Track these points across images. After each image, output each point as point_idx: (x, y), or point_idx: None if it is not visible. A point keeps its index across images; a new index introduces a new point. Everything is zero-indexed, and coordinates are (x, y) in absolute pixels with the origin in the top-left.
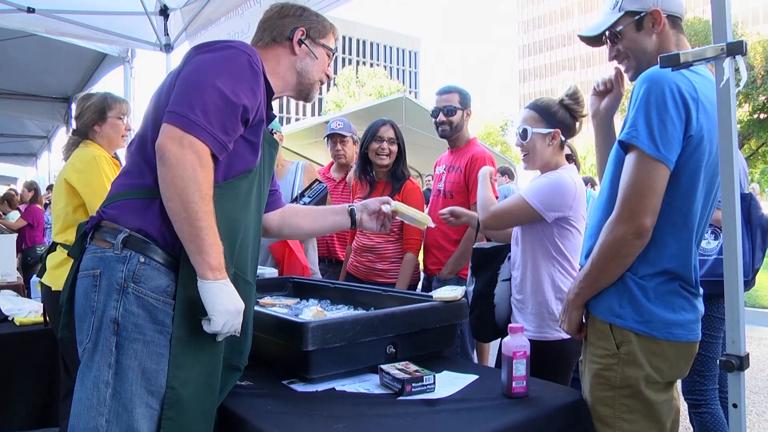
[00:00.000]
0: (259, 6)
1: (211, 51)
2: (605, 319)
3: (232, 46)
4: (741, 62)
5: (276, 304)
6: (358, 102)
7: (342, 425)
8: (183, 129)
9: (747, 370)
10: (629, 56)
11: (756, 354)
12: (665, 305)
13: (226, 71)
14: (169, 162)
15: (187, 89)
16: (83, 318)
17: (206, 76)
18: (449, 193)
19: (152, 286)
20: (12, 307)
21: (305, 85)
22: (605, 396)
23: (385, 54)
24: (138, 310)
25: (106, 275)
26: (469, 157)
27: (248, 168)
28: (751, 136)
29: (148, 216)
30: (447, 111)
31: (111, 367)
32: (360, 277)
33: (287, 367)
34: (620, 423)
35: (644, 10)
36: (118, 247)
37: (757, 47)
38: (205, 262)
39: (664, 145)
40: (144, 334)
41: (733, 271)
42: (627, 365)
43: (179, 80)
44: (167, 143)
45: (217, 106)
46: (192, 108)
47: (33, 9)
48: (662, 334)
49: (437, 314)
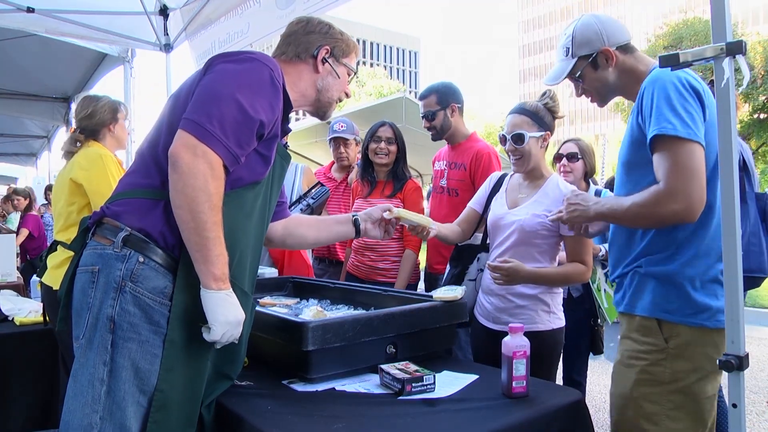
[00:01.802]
0: (259, 6)
1: (235, 62)
2: (652, 315)
3: (255, 59)
4: (742, 62)
5: (276, 304)
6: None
7: (342, 425)
8: (198, 138)
9: (747, 370)
10: (593, 92)
11: (756, 354)
12: (710, 294)
13: (247, 84)
14: (181, 170)
15: (207, 99)
16: (80, 313)
17: (227, 88)
18: (454, 191)
19: (150, 286)
20: (12, 306)
21: (323, 102)
22: (651, 392)
23: (385, 54)
24: (134, 310)
25: (105, 272)
26: (474, 154)
27: (256, 180)
28: (751, 136)
29: (151, 216)
30: (427, 116)
31: (106, 364)
32: (361, 277)
33: (287, 367)
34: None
35: (594, 52)
36: (118, 245)
37: (757, 47)
38: (209, 272)
39: (695, 127)
40: (139, 333)
41: (733, 270)
42: (675, 360)
43: (199, 88)
44: (181, 151)
45: (234, 119)
46: (209, 118)
47: (33, 9)
48: (711, 322)
49: (437, 314)
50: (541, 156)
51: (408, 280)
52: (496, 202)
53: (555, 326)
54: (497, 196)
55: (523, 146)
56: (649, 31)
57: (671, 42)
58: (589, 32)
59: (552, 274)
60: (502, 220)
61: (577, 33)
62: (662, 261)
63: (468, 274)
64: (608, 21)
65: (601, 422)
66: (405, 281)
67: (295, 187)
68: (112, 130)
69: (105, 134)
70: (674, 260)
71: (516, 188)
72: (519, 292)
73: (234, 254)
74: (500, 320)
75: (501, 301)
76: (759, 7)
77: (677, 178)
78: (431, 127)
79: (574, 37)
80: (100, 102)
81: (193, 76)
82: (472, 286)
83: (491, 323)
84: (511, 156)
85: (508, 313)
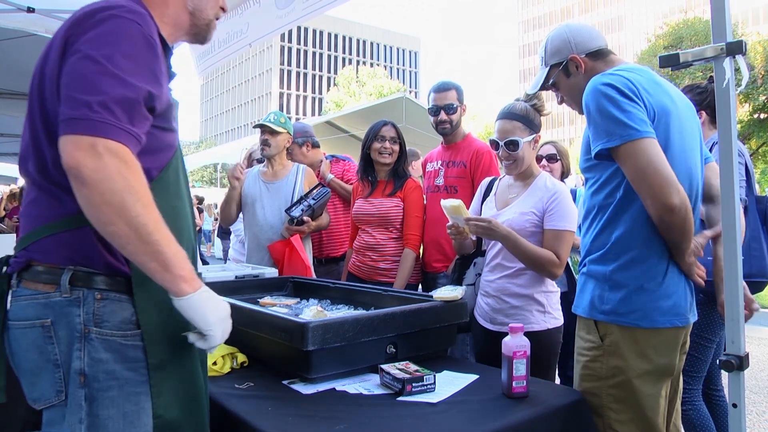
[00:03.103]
0: (258, 6)
1: (93, 26)
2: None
3: (115, 15)
4: (741, 62)
5: (276, 304)
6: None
7: (343, 426)
8: (90, 133)
9: (747, 370)
10: (569, 99)
11: (756, 354)
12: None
13: (117, 51)
14: (89, 180)
15: (77, 85)
16: (38, 373)
17: (94, 64)
18: (452, 188)
19: (116, 322)
20: None
21: (200, 26)
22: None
23: (385, 54)
24: (106, 356)
25: (62, 323)
26: (474, 151)
27: (170, 156)
28: (751, 136)
29: (84, 248)
30: (448, 109)
31: (82, 422)
32: (362, 277)
33: (287, 367)
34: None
35: (564, 60)
36: (65, 289)
37: (757, 47)
38: (175, 277)
39: (638, 123)
40: (117, 378)
41: (734, 270)
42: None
43: (64, 76)
44: (78, 158)
45: (117, 96)
46: (90, 106)
47: (33, 9)
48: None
49: (437, 314)
50: (531, 157)
51: (407, 279)
52: (486, 206)
53: (551, 326)
54: (487, 200)
55: (517, 152)
56: (649, 31)
57: (671, 42)
58: (559, 41)
59: (524, 243)
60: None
61: (549, 43)
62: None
63: (465, 278)
64: (579, 29)
65: None
66: (405, 280)
67: (297, 188)
68: None
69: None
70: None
71: (506, 189)
72: (513, 292)
73: (182, 243)
74: (497, 321)
75: (496, 302)
76: (759, 7)
77: (642, 184)
78: (449, 120)
79: (547, 47)
80: None
81: (46, 59)
82: (471, 290)
83: (489, 324)
84: (504, 161)
85: (504, 313)
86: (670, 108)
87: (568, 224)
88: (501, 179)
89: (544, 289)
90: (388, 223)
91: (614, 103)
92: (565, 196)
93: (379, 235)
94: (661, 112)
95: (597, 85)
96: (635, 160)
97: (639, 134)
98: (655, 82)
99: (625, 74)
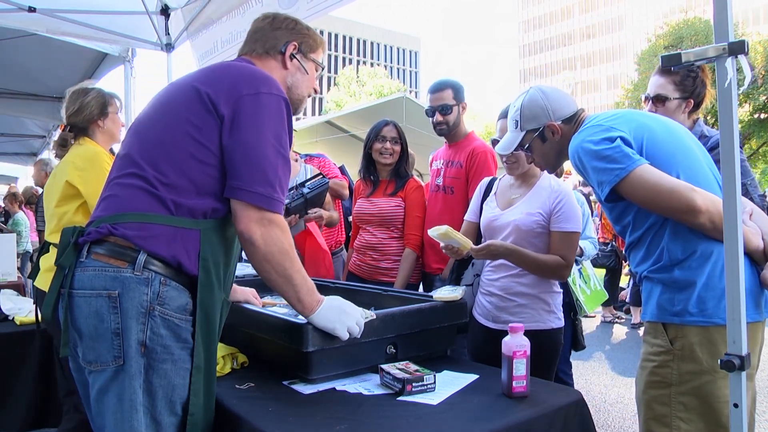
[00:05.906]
0: (261, 6)
1: (258, 97)
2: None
3: (273, 94)
4: (743, 61)
5: (276, 304)
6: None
7: (343, 426)
8: (264, 207)
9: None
10: (542, 161)
11: None
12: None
13: (276, 126)
14: (258, 244)
15: (257, 161)
16: (97, 339)
17: (266, 140)
18: (449, 189)
19: (175, 306)
20: (12, 306)
21: (294, 100)
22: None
23: (385, 54)
24: (165, 332)
25: (128, 296)
26: (470, 151)
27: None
28: (751, 136)
29: (172, 246)
30: (443, 110)
31: (141, 387)
32: (363, 277)
33: (288, 367)
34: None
35: (540, 126)
36: (139, 268)
37: (757, 47)
38: (304, 306)
39: (627, 157)
40: (172, 354)
41: (734, 270)
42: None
43: (243, 147)
44: (252, 228)
45: (282, 171)
46: (272, 186)
47: (34, 8)
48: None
49: (437, 314)
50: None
51: (408, 279)
52: (487, 206)
53: (555, 326)
54: (488, 200)
55: (519, 152)
56: (650, 31)
57: (672, 42)
58: (535, 107)
59: (530, 254)
60: (496, 222)
61: (525, 108)
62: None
63: (464, 279)
64: (554, 95)
65: (601, 422)
66: (405, 280)
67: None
68: (101, 126)
69: (95, 130)
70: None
71: (507, 189)
72: (518, 291)
73: (228, 271)
74: (500, 319)
75: (501, 300)
76: (759, 7)
77: (658, 207)
78: (445, 121)
79: (522, 112)
80: (88, 96)
81: (191, 82)
82: (469, 291)
83: (491, 322)
84: (506, 161)
85: (508, 312)
86: (645, 121)
87: (574, 226)
88: (501, 179)
89: (549, 289)
90: (389, 223)
91: (596, 153)
92: (571, 197)
93: (380, 234)
94: (638, 128)
95: (578, 146)
96: (638, 190)
97: (630, 166)
98: (620, 114)
99: (596, 122)
